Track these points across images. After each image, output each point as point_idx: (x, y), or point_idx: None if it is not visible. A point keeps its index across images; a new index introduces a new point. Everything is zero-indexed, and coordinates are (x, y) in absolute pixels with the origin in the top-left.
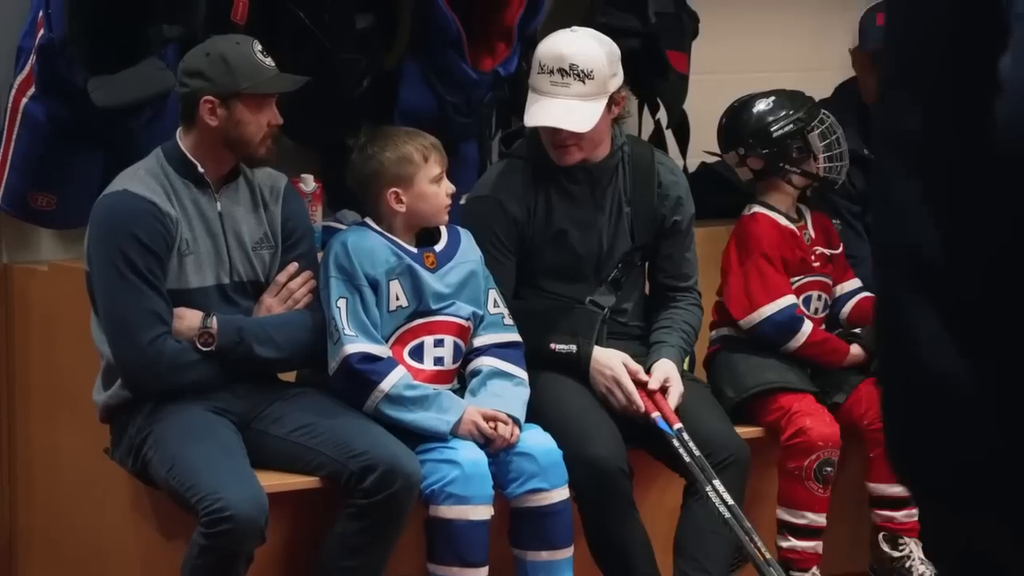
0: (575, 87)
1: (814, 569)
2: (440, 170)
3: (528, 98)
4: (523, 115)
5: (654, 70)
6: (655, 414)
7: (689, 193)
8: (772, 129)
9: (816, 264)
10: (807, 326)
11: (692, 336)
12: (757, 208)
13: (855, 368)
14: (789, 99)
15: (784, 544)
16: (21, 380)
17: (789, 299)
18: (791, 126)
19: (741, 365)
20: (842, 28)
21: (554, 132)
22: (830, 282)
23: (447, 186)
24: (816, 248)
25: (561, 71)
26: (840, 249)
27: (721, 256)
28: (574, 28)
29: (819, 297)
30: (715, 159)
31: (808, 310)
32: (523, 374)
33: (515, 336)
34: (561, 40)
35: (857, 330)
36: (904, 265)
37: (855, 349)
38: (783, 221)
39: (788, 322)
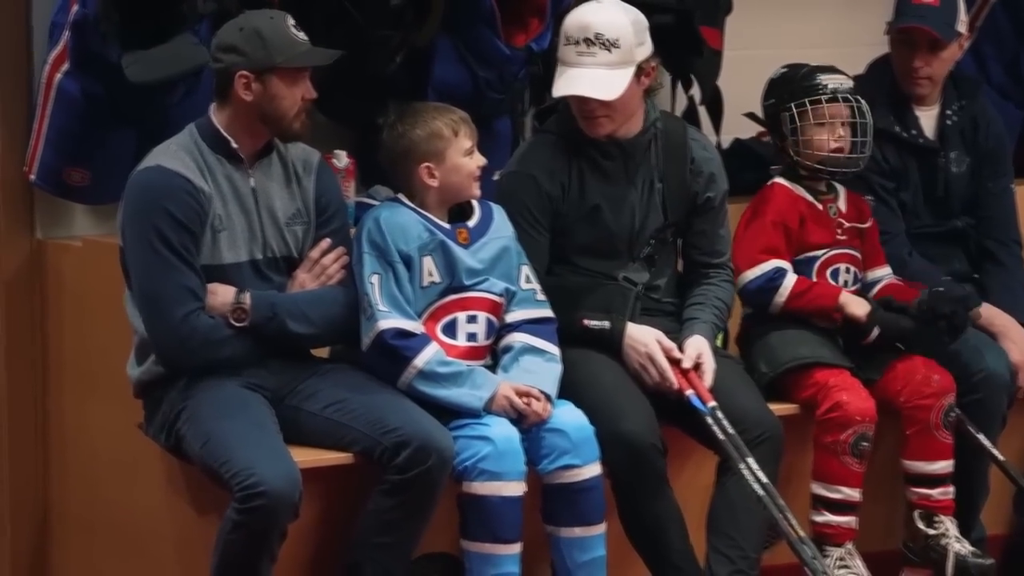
0: (601, 56)
1: (849, 544)
2: (471, 143)
3: (556, 70)
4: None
5: (687, 46)
6: (689, 391)
7: (722, 169)
8: (766, 102)
9: (843, 238)
10: (788, 280)
11: (725, 312)
12: (778, 179)
13: (887, 345)
14: (786, 74)
15: (819, 519)
16: (55, 356)
17: (772, 263)
18: (773, 101)
19: (774, 340)
20: (875, 3)
21: (583, 102)
22: (858, 255)
23: (478, 158)
24: (843, 222)
25: (587, 40)
26: (870, 223)
27: None
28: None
29: (847, 270)
30: (749, 136)
31: (836, 283)
32: (555, 350)
33: (547, 312)
34: (587, 10)
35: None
36: None
37: (845, 298)
38: (803, 193)
39: (768, 281)
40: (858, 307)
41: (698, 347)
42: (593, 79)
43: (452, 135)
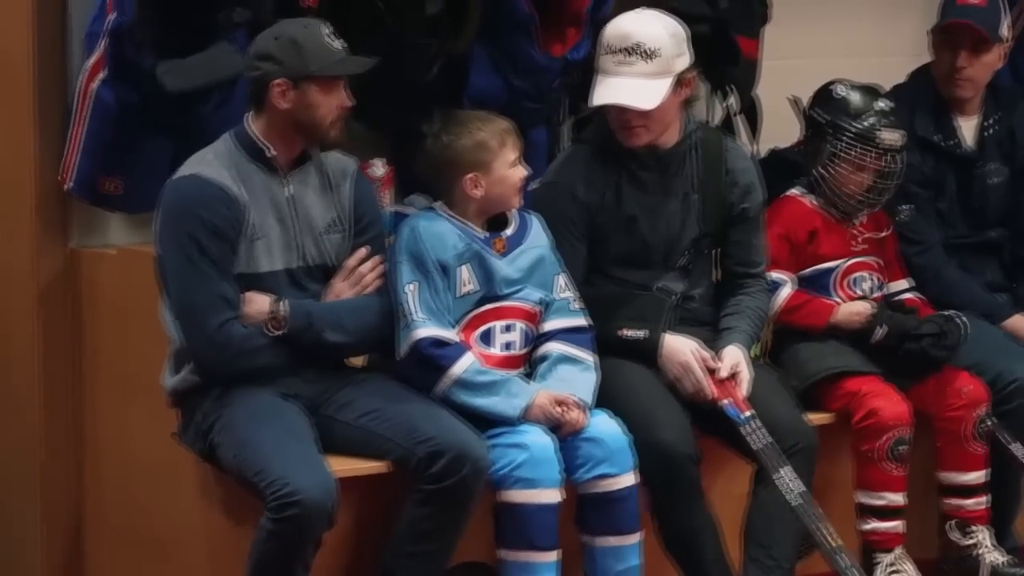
0: (639, 66)
1: (898, 549)
2: (516, 154)
3: (594, 80)
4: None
5: (724, 56)
6: (725, 400)
7: (759, 179)
8: (815, 110)
9: (862, 247)
10: (783, 292)
11: (761, 322)
12: (793, 191)
13: (921, 363)
14: (851, 102)
15: (866, 527)
16: (90, 365)
17: (770, 275)
18: (822, 119)
19: (802, 353)
20: (913, 13)
21: (620, 112)
22: (880, 263)
23: (522, 169)
24: (860, 232)
25: (626, 50)
26: (888, 232)
27: None
28: (639, 9)
29: (869, 277)
30: (786, 146)
31: (857, 291)
32: (591, 358)
33: (583, 321)
34: (626, 20)
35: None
36: None
37: (846, 308)
38: (818, 206)
39: None
40: (861, 307)
41: (735, 357)
42: (631, 88)
43: (499, 146)
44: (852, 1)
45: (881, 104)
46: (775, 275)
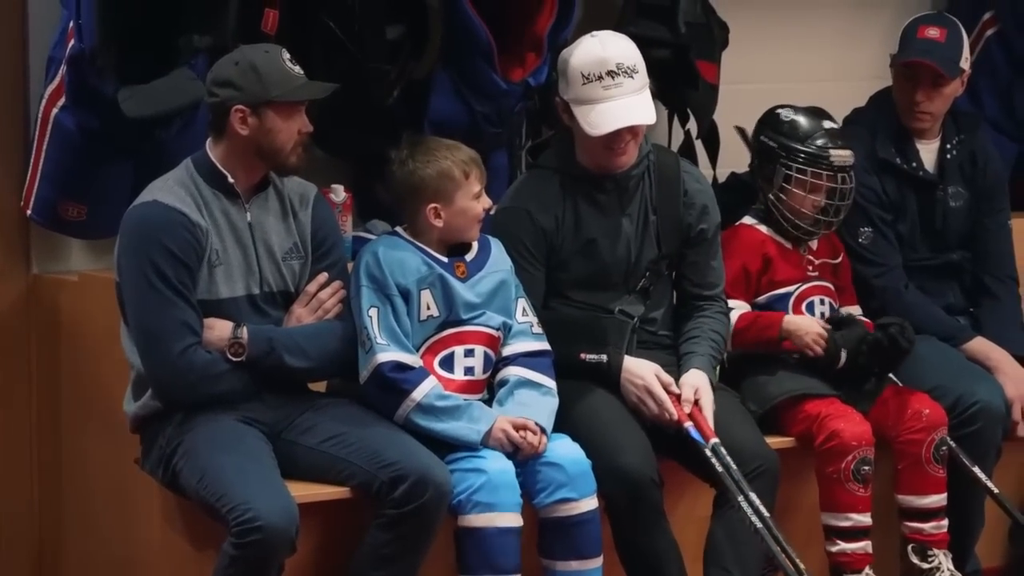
0: (627, 84)
1: (867, 570)
2: (480, 187)
3: (577, 112)
4: (552, 125)
5: (684, 80)
6: (687, 424)
7: (715, 201)
8: (762, 136)
9: (815, 273)
10: (732, 316)
11: (721, 344)
12: (747, 219)
13: (872, 374)
14: (800, 125)
15: (833, 549)
16: (51, 390)
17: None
18: (772, 144)
19: (761, 377)
20: (873, 37)
21: (614, 137)
22: (832, 287)
23: (485, 201)
24: (812, 259)
25: (610, 73)
26: (841, 259)
27: None
28: (593, 33)
29: (822, 301)
30: (744, 170)
31: (813, 315)
32: (551, 383)
33: (543, 345)
34: (594, 46)
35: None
36: None
37: (790, 321)
38: (771, 234)
39: None
40: (809, 324)
41: (696, 382)
42: (628, 108)
43: (463, 177)
44: (810, 26)
45: (828, 124)
46: (730, 302)
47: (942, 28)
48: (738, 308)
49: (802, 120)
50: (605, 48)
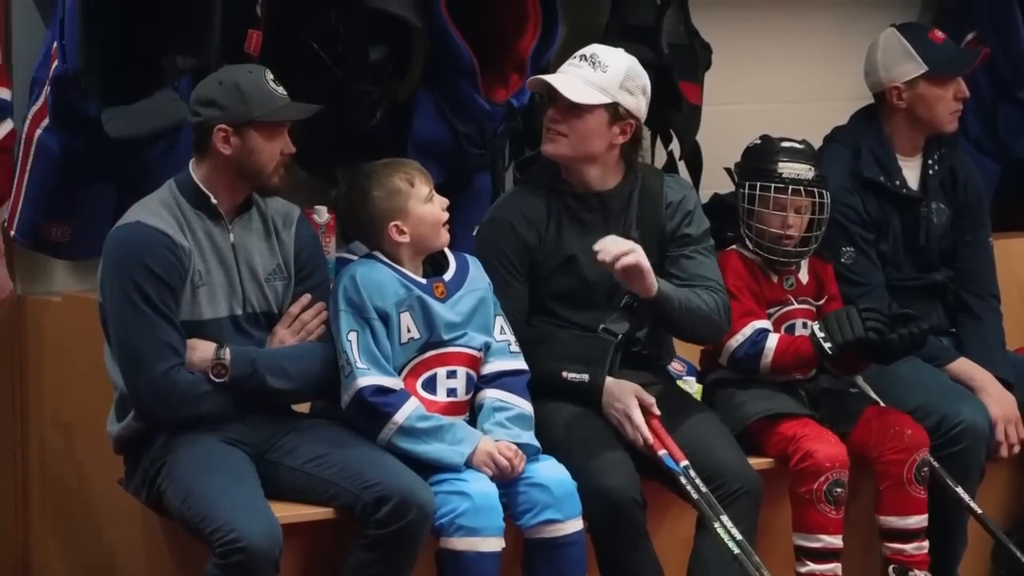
0: (585, 71)
1: None
2: (428, 189)
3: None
4: (537, 145)
5: (667, 101)
6: (662, 451)
7: (700, 208)
8: (736, 167)
9: (800, 297)
10: (771, 340)
11: (694, 301)
12: (733, 247)
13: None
14: (758, 146)
15: (803, 570)
16: (35, 411)
17: (752, 326)
18: (739, 172)
19: (736, 397)
20: (853, 58)
21: (548, 118)
22: (814, 309)
23: (440, 201)
24: (791, 299)
25: (581, 56)
26: (826, 299)
27: None
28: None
29: (804, 324)
30: (728, 191)
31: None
32: (526, 404)
33: (520, 364)
34: (599, 45)
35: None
36: None
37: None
38: (753, 258)
39: (752, 345)
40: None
41: (633, 247)
42: (566, 82)
43: (408, 186)
44: (794, 47)
45: (786, 144)
46: (756, 324)
47: (937, 30)
48: (772, 333)
49: (762, 142)
50: (602, 48)
